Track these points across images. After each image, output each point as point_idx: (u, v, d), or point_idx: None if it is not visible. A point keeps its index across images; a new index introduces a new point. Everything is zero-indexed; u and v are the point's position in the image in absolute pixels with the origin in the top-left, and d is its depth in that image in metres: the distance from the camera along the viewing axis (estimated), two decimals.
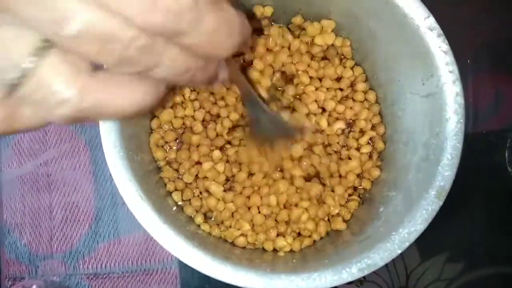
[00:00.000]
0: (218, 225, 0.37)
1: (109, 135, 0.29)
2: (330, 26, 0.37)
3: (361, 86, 0.38)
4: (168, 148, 0.38)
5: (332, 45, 0.38)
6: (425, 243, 0.47)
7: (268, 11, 0.38)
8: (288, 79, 0.38)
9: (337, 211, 0.37)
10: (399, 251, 0.28)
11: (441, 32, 0.30)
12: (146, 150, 0.36)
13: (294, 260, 0.35)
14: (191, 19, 0.16)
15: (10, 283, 0.48)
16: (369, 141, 0.38)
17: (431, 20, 0.30)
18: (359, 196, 0.38)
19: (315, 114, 0.37)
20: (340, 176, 0.38)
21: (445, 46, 0.30)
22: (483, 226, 0.48)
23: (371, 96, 0.38)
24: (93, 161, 0.49)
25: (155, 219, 0.29)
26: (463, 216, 0.47)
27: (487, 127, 0.46)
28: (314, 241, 0.37)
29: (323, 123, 0.37)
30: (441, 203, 0.29)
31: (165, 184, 0.37)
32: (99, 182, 0.48)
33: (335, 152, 0.38)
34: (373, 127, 0.38)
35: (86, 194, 0.48)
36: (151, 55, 0.16)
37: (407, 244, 0.29)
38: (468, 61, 0.46)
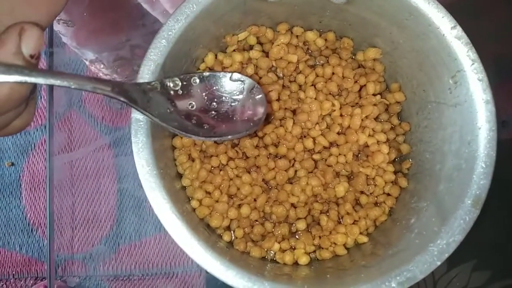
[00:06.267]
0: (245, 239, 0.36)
1: (141, 152, 0.29)
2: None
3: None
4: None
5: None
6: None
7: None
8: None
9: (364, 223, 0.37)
10: (439, 263, 0.28)
11: (468, 40, 0.30)
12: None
13: (316, 274, 0.34)
14: None
15: (31, 282, 0.48)
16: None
17: (458, 29, 0.30)
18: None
19: (356, 131, 0.37)
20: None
21: (473, 55, 0.30)
22: (511, 234, 0.48)
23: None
24: (117, 162, 0.49)
25: (186, 233, 0.29)
26: (491, 224, 0.47)
27: None
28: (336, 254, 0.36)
29: (362, 138, 0.37)
30: (478, 212, 0.29)
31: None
32: (122, 183, 0.49)
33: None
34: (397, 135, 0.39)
35: (108, 195, 0.48)
36: None
37: (446, 255, 0.28)
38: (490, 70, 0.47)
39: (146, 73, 0.29)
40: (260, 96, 0.33)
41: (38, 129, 0.57)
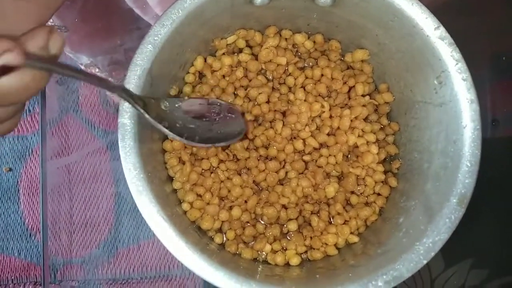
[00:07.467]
0: (236, 241, 0.37)
1: (128, 156, 0.30)
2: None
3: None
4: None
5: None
6: (449, 250, 0.47)
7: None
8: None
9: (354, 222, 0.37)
10: (425, 262, 0.28)
11: (452, 41, 0.30)
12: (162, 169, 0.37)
13: (307, 274, 0.35)
14: None
15: (30, 287, 0.48)
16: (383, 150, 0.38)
17: (441, 30, 0.30)
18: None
19: (346, 132, 0.38)
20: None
21: (457, 55, 0.30)
22: (508, 232, 0.48)
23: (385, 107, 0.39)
24: (114, 166, 0.49)
25: (173, 236, 0.29)
26: (488, 222, 0.47)
27: (509, 132, 0.46)
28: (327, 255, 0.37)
29: (352, 139, 0.37)
30: (463, 210, 0.29)
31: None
32: (119, 187, 0.49)
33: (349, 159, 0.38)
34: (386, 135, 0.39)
35: (106, 198, 0.48)
36: None
37: (432, 254, 0.28)
38: (486, 68, 0.47)
39: (133, 78, 0.29)
40: (235, 115, 0.36)
41: (35, 134, 0.57)
